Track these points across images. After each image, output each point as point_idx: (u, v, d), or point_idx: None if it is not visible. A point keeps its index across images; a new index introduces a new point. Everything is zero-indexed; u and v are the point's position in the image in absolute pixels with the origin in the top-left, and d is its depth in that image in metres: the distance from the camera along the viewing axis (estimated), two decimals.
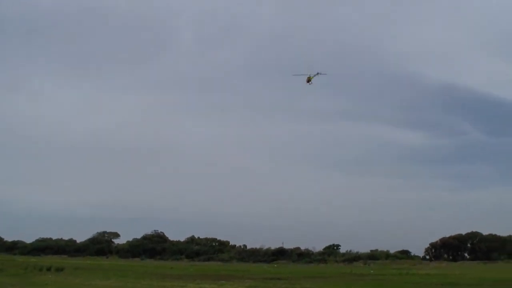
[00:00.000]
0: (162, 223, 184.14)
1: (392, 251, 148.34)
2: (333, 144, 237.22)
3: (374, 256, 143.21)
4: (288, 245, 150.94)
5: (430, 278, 60.52)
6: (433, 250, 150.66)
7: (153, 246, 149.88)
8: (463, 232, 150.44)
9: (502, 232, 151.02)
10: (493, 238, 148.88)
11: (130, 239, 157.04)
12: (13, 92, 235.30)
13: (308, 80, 56.07)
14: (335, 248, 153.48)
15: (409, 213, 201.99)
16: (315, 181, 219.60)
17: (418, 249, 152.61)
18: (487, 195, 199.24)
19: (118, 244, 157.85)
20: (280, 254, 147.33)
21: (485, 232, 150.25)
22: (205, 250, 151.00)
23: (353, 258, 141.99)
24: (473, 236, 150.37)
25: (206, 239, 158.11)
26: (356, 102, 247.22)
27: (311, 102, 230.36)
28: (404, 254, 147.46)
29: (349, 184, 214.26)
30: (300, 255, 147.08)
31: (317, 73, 56.50)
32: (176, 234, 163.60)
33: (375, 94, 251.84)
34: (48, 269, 59.86)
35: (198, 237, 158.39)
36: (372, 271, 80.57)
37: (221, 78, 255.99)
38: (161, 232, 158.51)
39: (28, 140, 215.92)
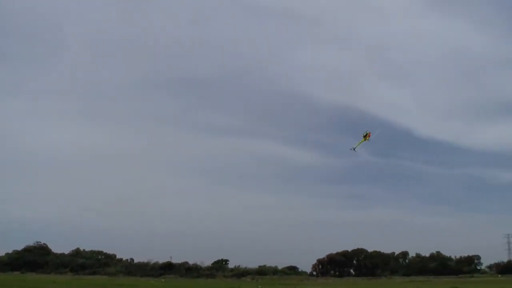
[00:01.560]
0: (45, 235, 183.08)
1: (280, 266, 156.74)
2: (224, 159, 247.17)
3: (262, 271, 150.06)
4: (176, 260, 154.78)
5: None
6: (320, 266, 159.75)
7: (35, 259, 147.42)
8: (349, 249, 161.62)
9: (386, 249, 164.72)
10: (377, 255, 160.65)
11: (10, 251, 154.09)
12: None
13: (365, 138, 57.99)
14: (224, 263, 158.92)
15: (298, 230, 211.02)
16: (205, 196, 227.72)
17: (306, 265, 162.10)
18: (373, 214, 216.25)
19: None
20: (168, 268, 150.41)
21: (370, 249, 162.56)
22: (90, 264, 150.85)
23: (241, 273, 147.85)
24: (359, 252, 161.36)
25: (92, 252, 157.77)
26: (251, 120, 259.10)
27: (205, 117, 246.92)
28: (292, 270, 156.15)
29: (239, 200, 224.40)
30: (188, 270, 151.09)
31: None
32: (60, 246, 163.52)
33: (269, 113, 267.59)
34: None
35: (84, 250, 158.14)
36: (260, 286, 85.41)
37: (112, 90, 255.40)
38: (44, 243, 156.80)
39: None
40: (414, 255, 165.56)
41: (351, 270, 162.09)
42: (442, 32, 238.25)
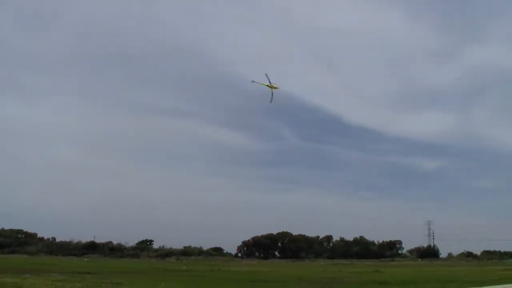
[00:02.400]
0: None
1: (205, 248, 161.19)
2: (154, 139, 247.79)
3: (187, 252, 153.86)
4: (100, 239, 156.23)
5: (241, 274, 65.13)
6: (245, 248, 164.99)
7: None
8: (274, 232, 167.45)
9: (310, 233, 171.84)
10: (302, 238, 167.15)
11: None
12: None
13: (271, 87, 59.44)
14: (148, 243, 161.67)
15: (224, 212, 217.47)
16: (132, 174, 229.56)
17: (231, 247, 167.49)
18: (298, 198, 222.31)
19: None
20: (91, 248, 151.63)
21: (295, 232, 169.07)
22: (9, 242, 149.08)
23: (166, 253, 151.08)
24: (284, 236, 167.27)
25: (11, 230, 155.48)
26: (181, 100, 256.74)
27: (139, 96, 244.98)
28: (217, 251, 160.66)
29: (166, 180, 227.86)
30: (112, 250, 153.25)
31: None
32: None
33: (200, 94, 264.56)
34: None
35: (2, 228, 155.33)
36: (184, 267, 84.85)
37: (40, 63, 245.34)
38: None
39: None
40: (338, 239, 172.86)
41: (276, 253, 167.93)
42: (371, 21, 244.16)
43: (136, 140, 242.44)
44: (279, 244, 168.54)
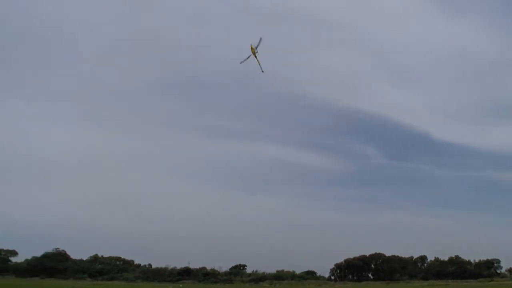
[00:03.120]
0: (64, 241, 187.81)
1: (298, 271, 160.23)
2: (235, 163, 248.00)
3: (280, 276, 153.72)
4: (194, 265, 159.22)
5: None
6: (338, 271, 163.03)
7: (54, 265, 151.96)
8: (367, 253, 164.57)
9: (404, 253, 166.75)
10: (395, 259, 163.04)
11: (29, 258, 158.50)
12: None
13: (253, 53, 62.02)
14: (241, 268, 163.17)
15: (315, 235, 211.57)
16: (219, 200, 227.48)
17: (324, 270, 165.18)
18: (389, 217, 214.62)
19: (15, 262, 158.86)
20: (186, 274, 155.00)
21: (388, 253, 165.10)
22: (108, 269, 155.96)
23: (259, 278, 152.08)
24: (377, 257, 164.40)
25: (110, 257, 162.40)
26: (258, 123, 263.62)
27: (212, 120, 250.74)
28: (310, 275, 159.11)
29: (253, 204, 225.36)
30: (206, 275, 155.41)
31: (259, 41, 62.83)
32: (78, 252, 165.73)
33: (276, 116, 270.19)
34: None
35: (102, 256, 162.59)
36: None
37: (120, 92, 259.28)
38: (62, 250, 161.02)
39: None
40: (432, 259, 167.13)
41: (369, 275, 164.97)
42: (449, 33, 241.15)
43: (218, 165, 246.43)
44: (372, 266, 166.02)
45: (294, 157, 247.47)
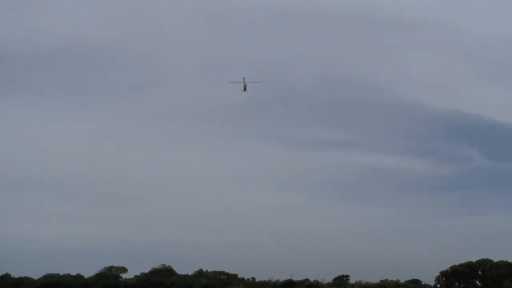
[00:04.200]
0: (169, 257, 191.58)
1: (402, 280, 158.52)
2: (332, 173, 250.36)
3: (384, 285, 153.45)
4: (297, 277, 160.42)
5: None
6: (443, 279, 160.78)
7: (161, 280, 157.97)
8: (474, 260, 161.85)
9: None
10: (504, 265, 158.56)
11: (138, 274, 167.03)
12: None
13: (244, 88, 68.61)
14: (345, 278, 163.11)
15: (417, 242, 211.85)
16: (321, 211, 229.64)
17: (429, 278, 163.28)
18: (495, 221, 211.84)
19: (126, 279, 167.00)
20: (289, 286, 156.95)
21: (495, 259, 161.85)
22: (213, 284, 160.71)
23: None
24: (484, 263, 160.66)
25: (214, 272, 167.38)
26: (355, 131, 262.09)
27: (307, 131, 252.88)
28: (415, 283, 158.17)
29: (354, 213, 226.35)
30: (309, 287, 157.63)
31: (253, 82, 69.28)
32: (184, 267, 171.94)
33: (373, 124, 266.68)
34: None
35: (206, 270, 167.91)
36: None
37: (216, 109, 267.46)
38: (168, 266, 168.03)
39: (26, 174, 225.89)
40: None
41: (477, 282, 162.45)
42: None
43: (312, 175, 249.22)
44: (480, 272, 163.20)
45: (395, 164, 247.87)
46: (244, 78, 70.91)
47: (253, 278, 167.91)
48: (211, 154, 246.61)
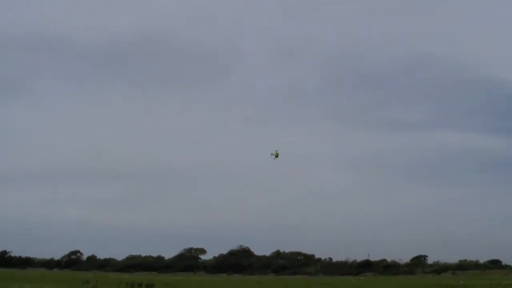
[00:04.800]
0: (247, 239, 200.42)
1: (481, 260, 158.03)
2: (412, 154, 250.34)
3: (463, 266, 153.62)
4: (374, 257, 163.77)
5: None
6: None
7: (239, 261, 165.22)
8: None
9: None
10: None
11: (216, 255, 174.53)
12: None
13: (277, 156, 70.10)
14: (423, 258, 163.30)
15: (497, 221, 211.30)
16: (398, 192, 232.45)
17: (510, 259, 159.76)
18: None
19: (205, 260, 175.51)
20: (366, 266, 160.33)
21: None
22: (290, 264, 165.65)
23: (441, 268, 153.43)
24: None
25: (291, 253, 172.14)
26: (437, 111, 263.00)
27: (388, 113, 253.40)
28: (495, 264, 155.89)
29: (435, 194, 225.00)
30: (386, 267, 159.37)
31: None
32: (261, 249, 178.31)
33: (453, 102, 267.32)
34: (139, 286, 66.54)
35: (283, 251, 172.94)
36: (462, 282, 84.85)
37: (292, 93, 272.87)
38: (246, 247, 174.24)
39: (103, 160, 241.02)
40: None
41: None
42: None
43: (392, 156, 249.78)
44: None
45: (474, 143, 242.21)
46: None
47: (330, 259, 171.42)
48: (290, 137, 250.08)
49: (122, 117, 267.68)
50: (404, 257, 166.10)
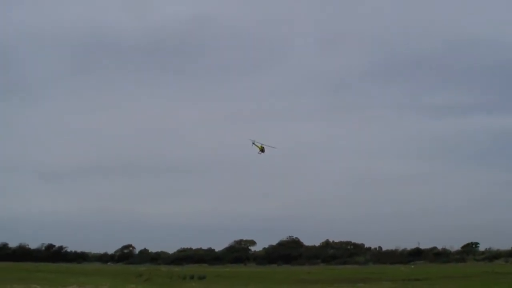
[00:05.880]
0: (296, 229, 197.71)
1: None
2: (461, 138, 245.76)
3: None
4: (424, 245, 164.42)
5: None
6: None
7: (289, 252, 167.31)
8: None
9: None
10: None
11: (266, 246, 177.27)
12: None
13: (262, 150, 68.15)
14: (474, 246, 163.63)
15: None
16: (447, 178, 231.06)
17: None
18: None
19: (254, 251, 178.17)
20: (416, 254, 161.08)
21: None
22: (340, 254, 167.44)
23: (493, 256, 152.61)
24: None
25: (341, 242, 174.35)
26: (476, 94, 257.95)
27: (433, 97, 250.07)
28: None
29: (485, 180, 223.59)
30: (437, 255, 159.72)
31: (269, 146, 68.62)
32: (310, 239, 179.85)
33: (494, 86, 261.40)
34: (191, 278, 69.26)
35: (333, 241, 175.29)
36: None
37: (341, 80, 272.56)
38: (295, 237, 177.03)
39: (153, 154, 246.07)
40: None
41: None
42: None
43: (440, 141, 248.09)
44: None
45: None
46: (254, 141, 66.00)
47: (380, 247, 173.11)
48: (339, 126, 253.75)
49: (170, 108, 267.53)
50: (455, 245, 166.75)
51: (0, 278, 59.37)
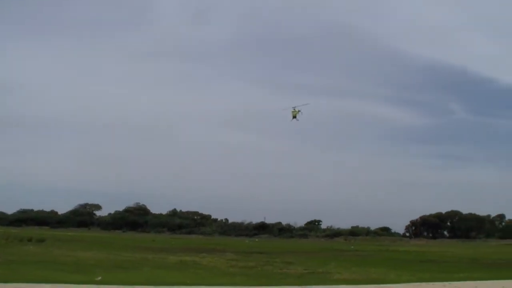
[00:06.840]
0: (144, 196, 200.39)
1: (372, 227, 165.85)
2: (313, 120, 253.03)
3: (354, 232, 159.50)
4: (270, 220, 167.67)
5: (409, 254, 67.95)
6: (413, 228, 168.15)
7: (135, 219, 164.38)
8: (443, 211, 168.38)
9: (481, 211, 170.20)
10: (472, 218, 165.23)
11: (112, 212, 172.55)
12: None
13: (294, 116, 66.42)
14: (316, 223, 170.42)
15: (390, 191, 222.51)
16: (296, 157, 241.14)
17: (399, 227, 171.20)
18: (468, 175, 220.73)
19: (100, 216, 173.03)
20: (261, 228, 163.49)
21: (464, 211, 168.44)
22: (187, 223, 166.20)
23: (334, 234, 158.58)
24: (453, 214, 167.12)
25: (188, 212, 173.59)
26: (340, 79, 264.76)
27: (293, 77, 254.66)
28: (385, 231, 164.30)
29: (330, 161, 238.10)
30: (281, 230, 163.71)
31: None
32: (158, 207, 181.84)
33: (359, 72, 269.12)
34: (29, 240, 66.29)
35: (180, 211, 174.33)
36: (352, 247, 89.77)
37: (204, 51, 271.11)
38: (143, 204, 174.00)
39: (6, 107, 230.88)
40: (511, 217, 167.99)
41: (445, 232, 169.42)
42: None
43: (294, 121, 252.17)
44: (448, 224, 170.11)
45: (374, 112, 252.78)
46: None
47: (226, 220, 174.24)
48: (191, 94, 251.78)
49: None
50: (298, 221, 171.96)
51: None
